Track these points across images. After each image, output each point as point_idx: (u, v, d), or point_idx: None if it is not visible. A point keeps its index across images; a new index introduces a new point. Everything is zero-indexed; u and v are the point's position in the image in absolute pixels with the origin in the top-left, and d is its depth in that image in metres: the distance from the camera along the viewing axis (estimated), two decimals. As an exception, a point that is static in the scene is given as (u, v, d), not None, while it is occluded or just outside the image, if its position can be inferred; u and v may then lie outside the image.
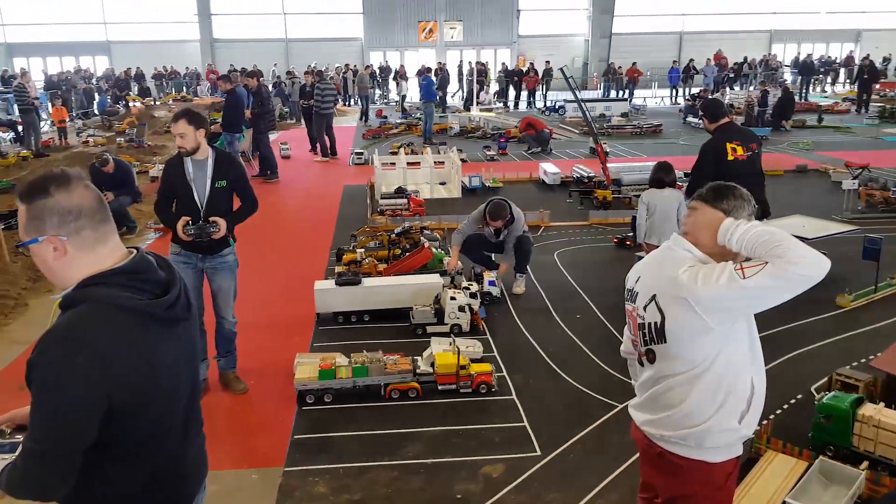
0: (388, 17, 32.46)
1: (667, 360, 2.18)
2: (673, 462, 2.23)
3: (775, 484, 3.34)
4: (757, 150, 5.51)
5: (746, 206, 2.15)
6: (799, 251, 1.92)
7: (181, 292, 1.76)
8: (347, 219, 9.06)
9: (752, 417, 2.19)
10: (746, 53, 30.92)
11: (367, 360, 4.54)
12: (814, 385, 4.46)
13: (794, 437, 3.78)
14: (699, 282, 2.03)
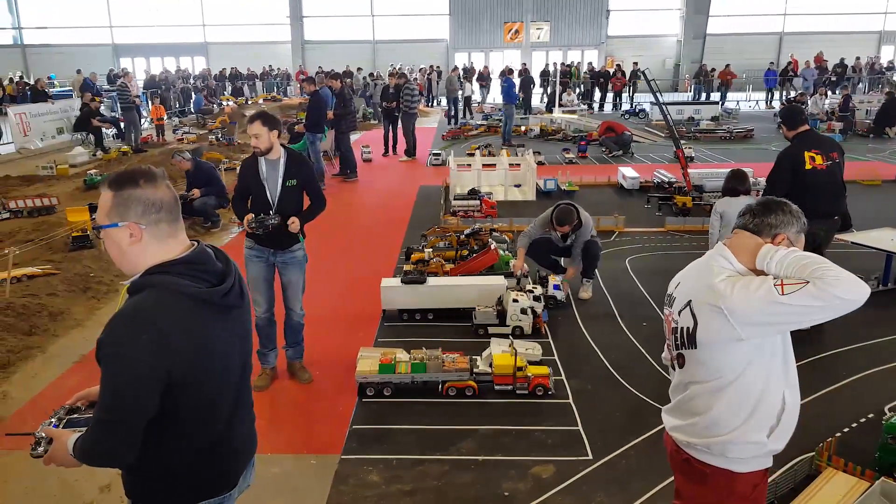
0: (474, 18, 32.60)
1: (695, 366, 2.18)
2: (698, 469, 2.23)
3: (833, 501, 3.22)
4: (838, 159, 5.23)
5: (795, 223, 2.13)
6: (838, 275, 1.87)
7: (236, 282, 1.93)
8: (421, 219, 9.23)
9: (782, 432, 2.16)
10: (852, 55, 29.07)
11: (425, 356, 4.65)
12: (889, 405, 4.21)
13: (862, 456, 3.63)
14: (736, 292, 2.01)
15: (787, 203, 2.17)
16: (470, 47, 33.08)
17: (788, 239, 2.13)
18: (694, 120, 18.55)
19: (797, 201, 5.47)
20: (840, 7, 32.19)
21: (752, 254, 2.09)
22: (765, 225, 2.12)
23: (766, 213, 2.13)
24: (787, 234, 2.12)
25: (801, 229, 2.14)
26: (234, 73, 29.00)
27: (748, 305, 1.98)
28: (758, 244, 2.10)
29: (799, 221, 2.14)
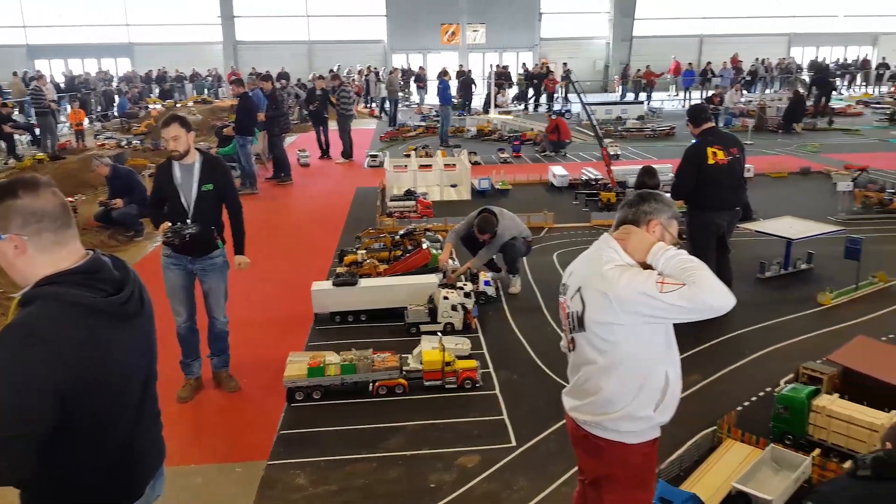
0: (411, 20, 32.68)
1: (585, 348, 2.35)
2: (595, 444, 2.40)
3: (729, 470, 3.48)
4: (738, 154, 5.59)
5: (667, 210, 2.34)
6: (712, 283, 2.07)
7: (135, 291, 1.92)
8: (356, 221, 9.25)
9: (667, 406, 2.34)
10: (766, 56, 30.62)
11: (355, 357, 4.71)
12: (784, 378, 4.52)
13: (759, 427, 3.92)
14: (622, 282, 2.18)
15: (658, 193, 2.41)
16: (408, 49, 33.15)
17: (661, 224, 2.34)
18: (621, 119, 19.16)
19: (702, 193, 5.86)
20: (753, 11, 33.80)
21: (643, 251, 2.27)
22: (640, 213, 2.33)
23: (641, 202, 2.35)
24: (660, 220, 2.33)
25: (672, 216, 2.36)
26: (162, 74, 28.19)
27: (630, 295, 2.15)
28: (643, 238, 2.28)
29: (670, 209, 2.36)
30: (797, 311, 5.86)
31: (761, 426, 3.96)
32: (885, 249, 7.40)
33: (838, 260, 6.36)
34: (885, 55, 32.93)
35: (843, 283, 6.26)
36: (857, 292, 6.14)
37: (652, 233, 2.32)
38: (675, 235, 2.37)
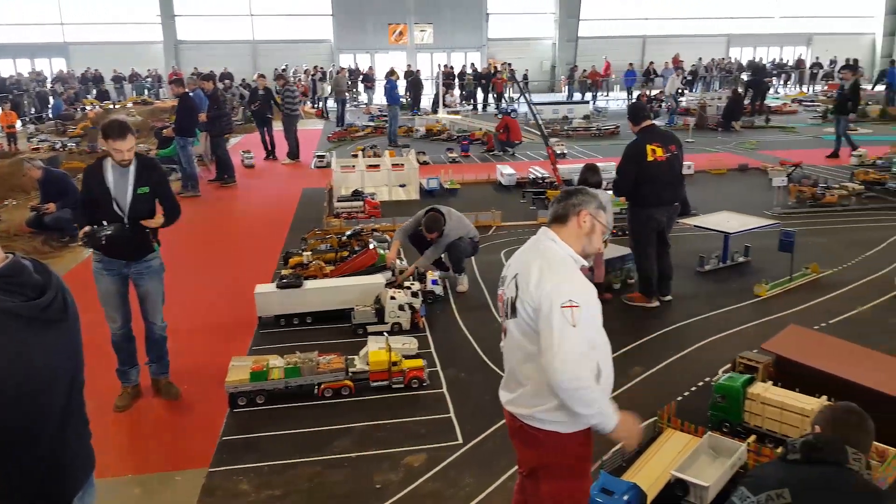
0: (358, 19, 32.47)
1: (515, 334, 2.41)
2: (531, 435, 2.43)
3: (669, 458, 3.57)
4: (676, 151, 5.73)
5: (593, 201, 2.48)
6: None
7: (58, 295, 1.86)
8: (303, 222, 9.13)
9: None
10: (706, 57, 31.61)
11: (299, 360, 4.64)
12: (722, 368, 4.65)
13: (698, 416, 4.03)
14: (547, 290, 2.28)
15: (584, 187, 2.57)
16: (355, 48, 32.91)
17: (590, 214, 2.45)
18: (567, 119, 19.45)
19: (642, 190, 5.99)
20: (693, 12, 34.83)
21: (575, 239, 2.41)
22: (570, 206, 2.43)
23: (568, 197, 2.45)
24: (589, 210, 2.45)
25: (599, 206, 2.48)
26: (99, 75, 27.27)
27: (547, 307, 2.25)
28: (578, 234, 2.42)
29: (596, 200, 2.48)
30: (735, 302, 6.04)
31: (701, 415, 4.07)
32: (818, 242, 7.71)
33: (774, 253, 6.59)
34: (818, 55, 34.38)
35: (778, 275, 6.49)
36: (791, 283, 6.37)
37: (583, 223, 2.43)
38: (605, 224, 2.49)
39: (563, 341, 2.22)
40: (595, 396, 2.27)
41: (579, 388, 2.23)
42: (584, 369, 2.25)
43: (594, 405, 2.27)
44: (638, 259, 6.04)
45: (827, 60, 31.81)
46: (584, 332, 2.26)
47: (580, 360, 2.25)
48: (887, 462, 3.43)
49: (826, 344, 4.38)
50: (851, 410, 2.30)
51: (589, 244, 2.47)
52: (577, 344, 2.24)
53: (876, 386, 3.63)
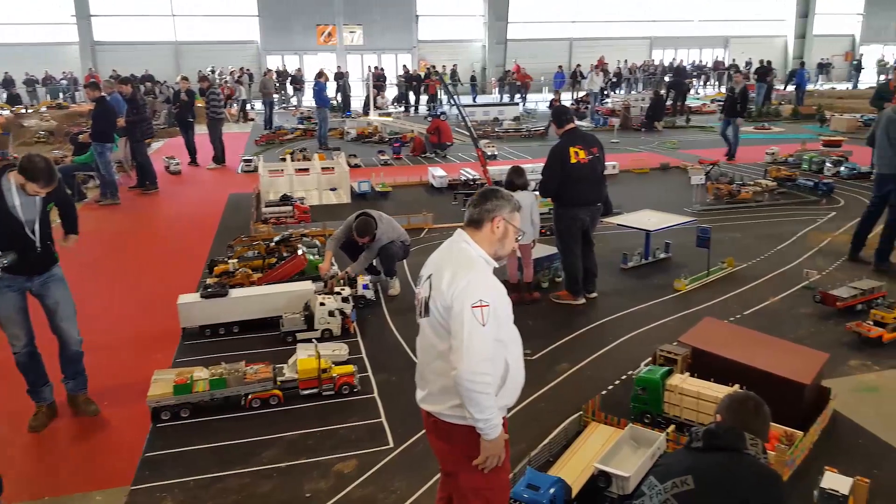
0: (285, 20, 31.92)
1: (427, 332, 2.46)
2: (444, 429, 2.49)
3: (593, 451, 3.67)
4: (598, 153, 5.91)
5: (507, 205, 2.52)
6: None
7: None
8: (229, 229, 8.91)
9: (508, 390, 2.50)
10: (630, 59, 32.67)
11: (225, 371, 4.54)
12: (643, 361, 4.82)
13: (624, 408, 4.18)
14: (459, 292, 2.31)
15: (499, 190, 2.58)
16: (283, 50, 32.35)
17: (504, 219, 2.49)
18: (498, 120, 19.71)
19: (566, 190, 6.14)
20: (618, 16, 35.94)
21: (488, 243, 2.49)
22: (484, 211, 2.47)
23: (483, 201, 2.49)
24: (503, 216, 2.49)
25: (513, 209, 2.52)
26: (10, 78, 25.86)
27: (459, 306, 2.30)
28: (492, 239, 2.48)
29: (510, 203, 2.52)
30: (656, 297, 6.27)
31: (624, 407, 4.22)
32: (733, 237, 8.09)
33: (692, 248, 6.86)
34: (735, 57, 36.06)
35: (696, 270, 6.77)
36: (708, 277, 6.66)
37: (496, 228, 2.48)
38: (518, 227, 2.54)
39: (472, 340, 2.27)
40: (490, 404, 2.33)
41: (480, 392, 2.28)
42: (488, 370, 2.31)
43: (487, 412, 2.32)
44: (564, 258, 6.19)
45: (743, 62, 33.38)
46: (492, 331, 2.32)
47: (486, 361, 2.30)
48: (795, 445, 3.64)
49: (738, 335, 4.61)
50: (748, 398, 2.44)
51: (501, 248, 2.52)
52: (486, 343, 2.30)
53: (782, 372, 3.85)
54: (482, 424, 2.35)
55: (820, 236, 8.04)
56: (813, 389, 3.97)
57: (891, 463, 3.75)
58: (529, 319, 5.90)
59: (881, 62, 35.89)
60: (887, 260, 6.83)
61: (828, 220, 8.76)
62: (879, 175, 6.86)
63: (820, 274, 6.67)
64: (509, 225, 2.50)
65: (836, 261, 7.12)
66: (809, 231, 8.29)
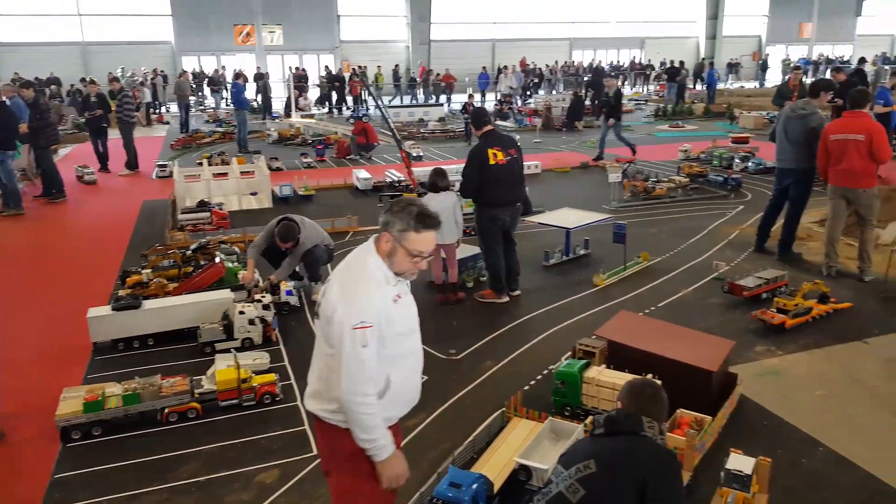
0: (201, 20, 30.97)
1: (320, 335, 2.46)
2: (319, 428, 2.51)
3: (515, 446, 3.74)
4: (516, 154, 6.03)
5: (399, 223, 2.37)
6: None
7: None
8: (143, 238, 8.57)
9: (387, 404, 2.41)
10: (551, 60, 33.44)
11: (139, 386, 4.37)
12: (564, 355, 4.95)
13: (546, 402, 4.28)
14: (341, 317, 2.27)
15: (404, 203, 2.42)
16: (199, 50, 31.38)
17: (392, 237, 2.37)
18: (423, 121, 19.77)
19: (486, 191, 6.23)
20: (539, 17, 36.73)
21: (384, 256, 2.40)
22: (381, 222, 2.43)
23: (387, 212, 2.43)
24: (391, 232, 2.37)
25: (406, 228, 2.34)
26: None
27: (339, 326, 2.27)
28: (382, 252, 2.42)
29: (405, 221, 2.35)
30: (577, 293, 6.44)
31: (546, 401, 4.32)
32: (649, 232, 8.40)
33: (610, 244, 7.09)
34: (650, 57, 37.47)
35: (614, 265, 6.99)
36: (625, 272, 6.89)
37: (385, 243, 2.38)
38: (411, 249, 2.36)
39: (352, 361, 2.25)
40: (374, 424, 2.31)
41: (363, 413, 2.28)
42: (369, 391, 2.29)
43: (371, 432, 2.31)
44: (486, 257, 6.27)
45: (658, 62, 34.75)
46: (376, 351, 2.29)
47: (367, 381, 2.28)
48: (704, 429, 3.82)
49: (651, 326, 4.80)
50: (646, 384, 2.57)
51: (392, 265, 2.39)
52: (367, 364, 2.27)
53: (690, 361, 4.03)
54: (367, 445, 2.34)
55: (729, 229, 8.45)
56: (720, 375, 4.17)
57: (792, 442, 3.99)
58: (454, 319, 5.96)
59: (785, 62, 38.09)
60: (790, 250, 7.25)
61: (736, 214, 9.22)
62: (779, 169, 7.27)
63: (728, 265, 7.02)
64: (399, 244, 2.36)
65: (744, 252, 7.50)
66: (719, 224, 8.71)
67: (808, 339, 5.32)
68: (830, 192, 6.69)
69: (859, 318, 5.70)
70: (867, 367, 4.91)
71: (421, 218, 2.35)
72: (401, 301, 2.42)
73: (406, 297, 2.49)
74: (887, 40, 44.75)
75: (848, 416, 4.27)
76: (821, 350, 5.17)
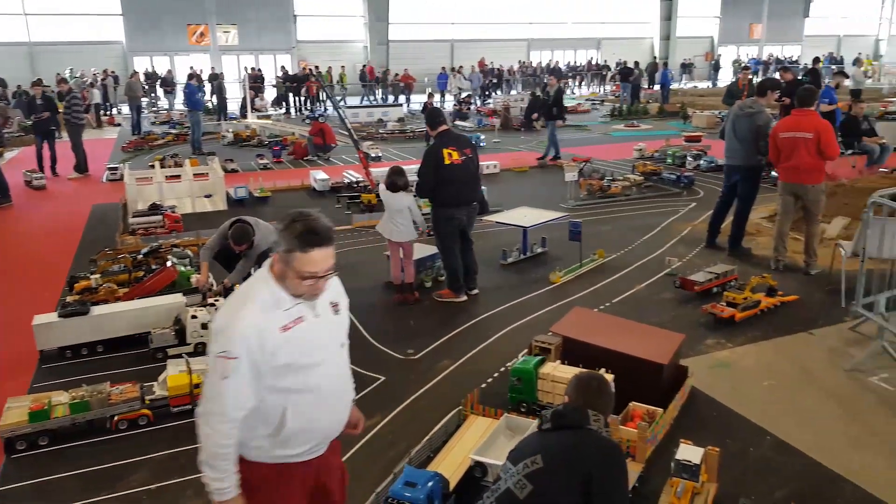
0: (153, 20, 30.31)
1: None
2: None
3: (472, 444, 3.75)
4: (471, 154, 6.06)
5: (283, 244, 2.13)
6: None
7: None
8: (93, 243, 8.33)
9: (284, 441, 2.23)
10: (509, 60, 33.71)
11: (87, 393, 4.26)
12: (521, 353, 4.99)
13: (503, 400, 4.30)
14: (212, 341, 2.15)
15: (285, 219, 2.15)
16: (151, 51, 30.69)
17: (278, 258, 2.14)
18: (382, 122, 19.71)
19: (441, 191, 6.24)
20: (497, 18, 36.95)
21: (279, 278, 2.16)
22: (274, 242, 2.25)
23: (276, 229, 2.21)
24: (279, 254, 2.13)
25: (290, 248, 2.09)
26: None
27: (210, 350, 2.15)
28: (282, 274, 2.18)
29: (286, 241, 2.10)
30: (534, 290, 6.50)
31: (502, 398, 4.34)
32: (604, 229, 8.53)
33: (567, 242, 7.17)
34: (607, 58, 38.03)
35: (570, 262, 7.08)
36: (581, 269, 6.98)
37: (277, 265, 2.15)
38: (300, 271, 2.10)
39: (211, 391, 2.11)
40: (218, 465, 2.11)
41: (210, 445, 2.10)
42: (221, 429, 2.09)
43: (214, 468, 2.11)
44: (444, 257, 6.28)
45: (614, 63, 35.27)
46: (245, 385, 2.09)
47: (219, 416, 2.09)
48: (656, 421, 3.89)
49: (604, 322, 4.87)
50: (592, 377, 2.61)
51: (287, 288, 2.14)
52: (225, 398, 2.08)
53: (642, 354, 4.11)
54: (207, 481, 2.13)
55: (681, 226, 8.64)
56: (671, 368, 4.26)
57: (741, 432, 4.09)
58: (412, 319, 5.95)
59: (736, 62, 39.09)
60: (739, 245, 7.45)
61: (689, 211, 9.43)
62: (727, 166, 7.46)
63: (680, 261, 7.17)
64: (287, 268, 2.11)
65: (696, 248, 7.67)
66: (672, 221, 8.89)
67: (757, 332, 5.47)
68: (780, 189, 6.90)
69: (805, 310, 5.88)
70: (813, 358, 5.07)
71: (305, 236, 2.08)
72: (298, 328, 2.15)
73: (310, 323, 2.18)
74: (833, 41, 46.28)
75: (795, 406, 4.40)
76: (769, 342, 5.32)
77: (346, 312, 2.40)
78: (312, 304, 2.19)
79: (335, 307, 2.30)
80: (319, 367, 2.20)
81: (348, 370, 2.41)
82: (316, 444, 2.29)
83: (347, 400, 2.40)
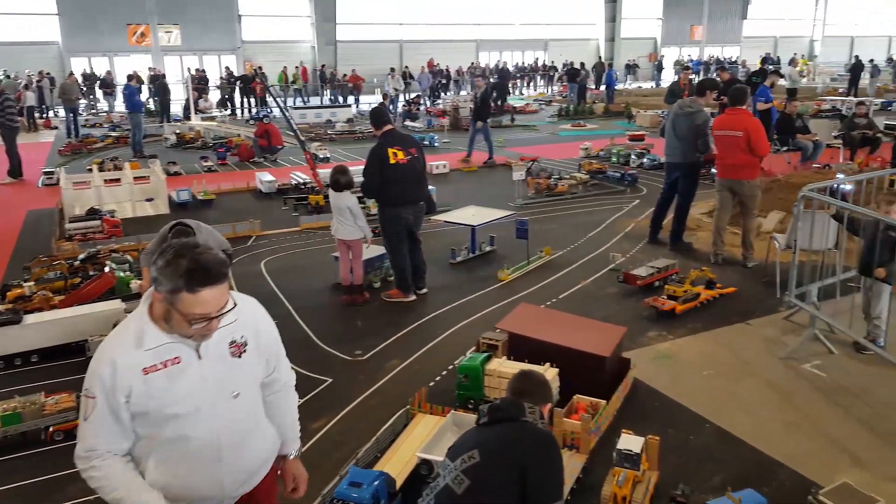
0: (90, 19, 29.23)
1: None
2: None
3: (419, 442, 3.74)
4: (417, 154, 6.06)
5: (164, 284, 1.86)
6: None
7: None
8: (28, 249, 8.00)
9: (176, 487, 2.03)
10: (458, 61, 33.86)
11: (19, 405, 4.10)
12: (469, 350, 5.02)
13: (451, 397, 4.32)
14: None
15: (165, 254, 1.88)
16: (89, 51, 29.64)
17: (165, 297, 1.88)
18: (331, 122, 19.54)
19: (387, 190, 6.22)
20: (446, 19, 37.04)
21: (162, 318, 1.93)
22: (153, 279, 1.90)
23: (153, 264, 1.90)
24: (161, 292, 1.88)
25: (175, 288, 1.84)
26: None
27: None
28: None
29: (170, 281, 1.84)
30: (482, 288, 6.54)
31: (450, 396, 4.36)
32: (551, 227, 8.64)
33: (514, 240, 7.23)
34: (554, 59, 38.53)
35: (518, 260, 7.14)
36: (528, 266, 7.06)
37: (158, 305, 1.92)
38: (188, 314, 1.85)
39: (78, 434, 2.00)
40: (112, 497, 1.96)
41: (93, 485, 1.97)
42: (94, 473, 1.95)
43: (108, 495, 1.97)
44: (392, 257, 6.27)
45: (561, 64, 35.79)
46: (98, 429, 1.92)
47: (86, 461, 1.95)
48: (599, 413, 3.97)
49: (549, 317, 4.95)
50: (529, 373, 2.65)
51: (170, 329, 1.91)
52: (87, 440, 1.95)
53: (584, 348, 4.19)
54: None
55: (625, 222, 8.82)
56: (613, 361, 4.35)
57: (682, 421, 4.21)
58: (360, 320, 5.92)
59: (678, 62, 40.12)
60: (680, 240, 7.65)
61: (632, 208, 9.63)
62: (668, 164, 7.66)
63: (624, 256, 7.32)
64: (172, 309, 1.87)
65: (639, 244, 7.85)
66: (616, 218, 9.07)
67: (697, 324, 5.63)
68: (718, 185, 7.12)
69: (743, 302, 6.08)
70: (750, 347, 5.25)
71: (193, 275, 1.82)
72: (167, 372, 1.92)
73: (188, 365, 1.95)
74: (771, 42, 47.97)
75: (733, 394, 4.54)
76: (708, 333, 5.49)
77: (261, 352, 2.14)
78: (195, 344, 1.95)
79: (238, 348, 2.02)
80: (191, 418, 1.96)
81: (252, 421, 2.14)
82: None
83: (245, 457, 2.11)
